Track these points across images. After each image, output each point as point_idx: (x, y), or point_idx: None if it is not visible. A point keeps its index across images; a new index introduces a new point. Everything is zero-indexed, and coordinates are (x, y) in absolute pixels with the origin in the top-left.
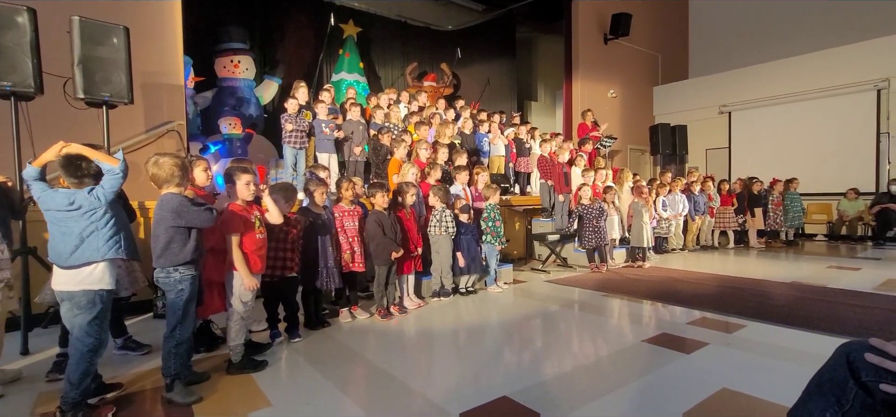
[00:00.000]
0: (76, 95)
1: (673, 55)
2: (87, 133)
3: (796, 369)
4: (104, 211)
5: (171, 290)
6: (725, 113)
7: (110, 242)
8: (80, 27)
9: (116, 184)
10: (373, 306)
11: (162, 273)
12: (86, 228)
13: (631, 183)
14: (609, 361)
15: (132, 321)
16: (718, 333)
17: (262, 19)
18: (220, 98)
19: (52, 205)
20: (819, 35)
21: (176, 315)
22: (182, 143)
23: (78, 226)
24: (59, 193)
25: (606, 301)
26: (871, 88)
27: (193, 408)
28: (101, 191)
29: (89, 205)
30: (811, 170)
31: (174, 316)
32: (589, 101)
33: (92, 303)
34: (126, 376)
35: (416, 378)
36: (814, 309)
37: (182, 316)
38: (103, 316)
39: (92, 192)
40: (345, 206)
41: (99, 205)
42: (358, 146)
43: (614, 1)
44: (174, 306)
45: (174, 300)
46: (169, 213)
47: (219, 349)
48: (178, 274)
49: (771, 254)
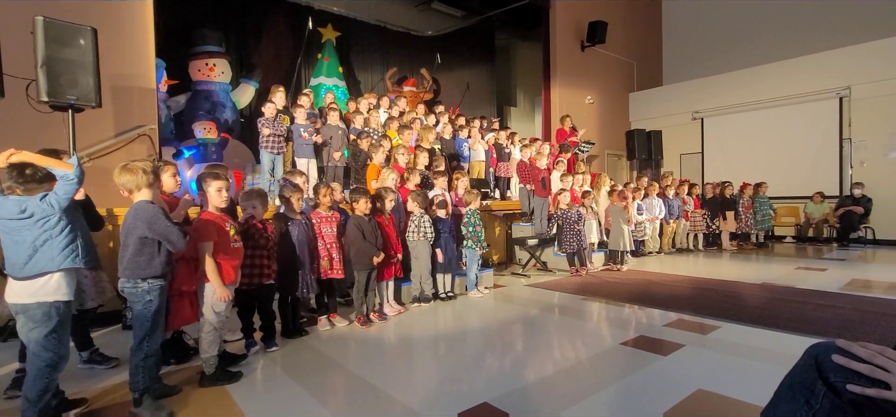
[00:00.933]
0: (40, 98)
1: (647, 63)
2: (52, 137)
3: (768, 369)
4: (58, 218)
5: (138, 301)
6: (698, 119)
7: (66, 251)
8: (44, 27)
9: (71, 189)
10: (352, 313)
11: (128, 283)
12: (39, 237)
13: (608, 187)
14: (589, 364)
15: (99, 333)
16: (694, 335)
17: (239, 22)
18: (195, 102)
19: (3, 214)
20: (785, 45)
21: (143, 327)
22: (154, 148)
23: (31, 235)
24: (9, 201)
25: (586, 304)
26: (833, 96)
27: None
28: (55, 197)
29: (42, 213)
30: (779, 174)
31: (142, 328)
32: (567, 107)
33: (47, 316)
34: (92, 391)
35: (396, 386)
36: (784, 310)
37: (150, 328)
38: (61, 329)
39: (44, 199)
40: (323, 212)
41: (52, 213)
42: (337, 151)
43: (591, 9)
44: (142, 318)
45: (141, 311)
46: (141, 223)
47: (191, 360)
48: (147, 284)
49: (743, 256)
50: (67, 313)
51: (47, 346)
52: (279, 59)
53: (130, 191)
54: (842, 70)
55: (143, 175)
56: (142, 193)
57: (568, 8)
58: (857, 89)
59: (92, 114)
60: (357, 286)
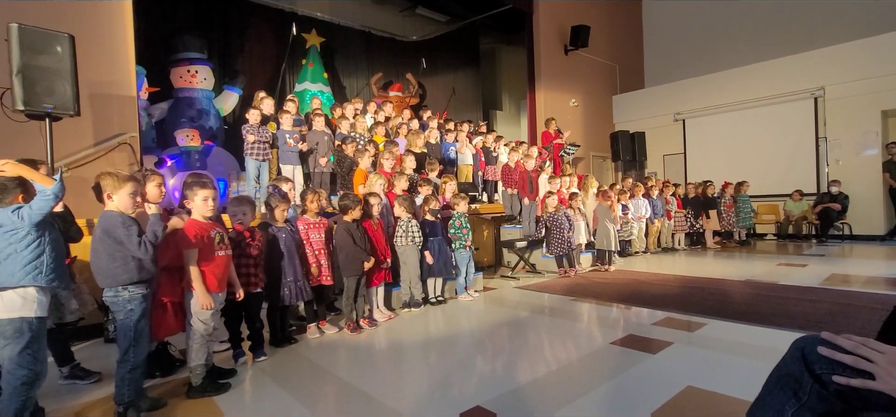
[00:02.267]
0: (15, 107)
1: (630, 65)
2: (29, 146)
3: (754, 364)
4: (25, 232)
5: (120, 311)
6: (680, 120)
7: (28, 267)
8: (18, 35)
9: (46, 206)
10: (342, 320)
11: (110, 292)
12: (2, 250)
13: (595, 188)
14: (579, 365)
15: (80, 347)
16: (682, 332)
17: (221, 28)
18: (177, 109)
19: None
20: (762, 47)
21: (127, 337)
22: (135, 157)
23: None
24: None
25: (575, 305)
26: (808, 96)
27: None
28: (28, 210)
29: (10, 225)
30: (759, 173)
31: (126, 339)
32: (552, 110)
33: (19, 332)
34: (73, 407)
35: (387, 393)
36: (767, 305)
37: (134, 339)
38: (35, 344)
39: (17, 211)
40: (310, 219)
41: (21, 226)
42: (323, 157)
43: (573, 14)
44: (125, 328)
45: (124, 321)
46: (100, 230)
47: (176, 372)
48: (128, 293)
49: (726, 254)
50: (40, 328)
51: (21, 363)
52: (263, 65)
53: (101, 200)
54: (816, 71)
55: (114, 182)
56: (111, 202)
57: (551, 12)
58: (830, 89)
59: (70, 123)
60: (346, 292)
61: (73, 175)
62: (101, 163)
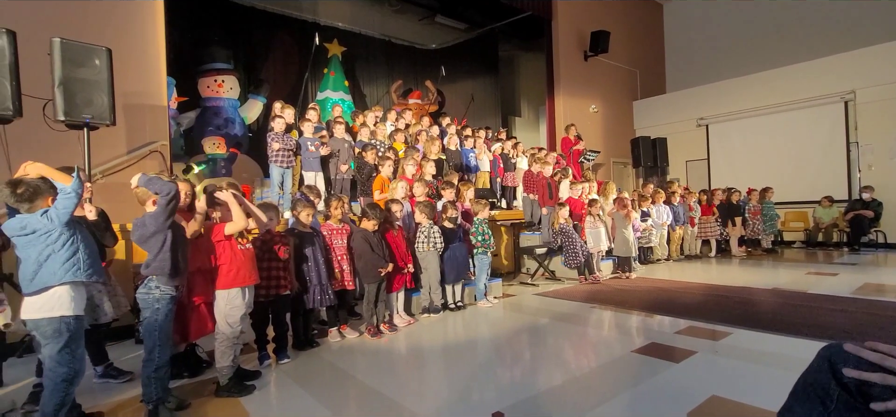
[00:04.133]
0: (56, 117)
1: (650, 71)
2: (68, 155)
3: (781, 374)
4: (58, 232)
5: (148, 308)
6: (703, 125)
7: (67, 264)
8: (61, 49)
9: (70, 204)
10: (362, 325)
11: (144, 289)
12: (42, 252)
13: (615, 194)
14: (600, 373)
15: (113, 347)
16: (706, 341)
17: (246, 39)
18: (204, 118)
19: (9, 232)
20: (788, 50)
21: (152, 337)
22: (165, 164)
23: (35, 251)
24: (14, 219)
25: (595, 312)
26: (838, 100)
27: None
28: (55, 211)
29: (43, 228)
30: (786, 179)
31: (151, 339)
32: (571, 116)
33: (58, 332)
34: (107, 404)
35: (407, 397)
36: (796, 315)
37: (159, 338)
38: (73, 343)
39: (45, 214)
40: (333, 224)
41: (53, 227)
42: (344, 164)
43: (593, 19)
44: (150, 327)
45: (150, 319)
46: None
47: (203, 373)
48: (159, 291)
49: (752, 262)
50: (78, 328)
51: (61, 361)
52: (286, 74)
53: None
54: (846, 74)
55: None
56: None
57: (570, 19)
58: (862, 93)
59: (106, 132)
60: (367, 297)
61: (107, 181)
62: (134, 170)
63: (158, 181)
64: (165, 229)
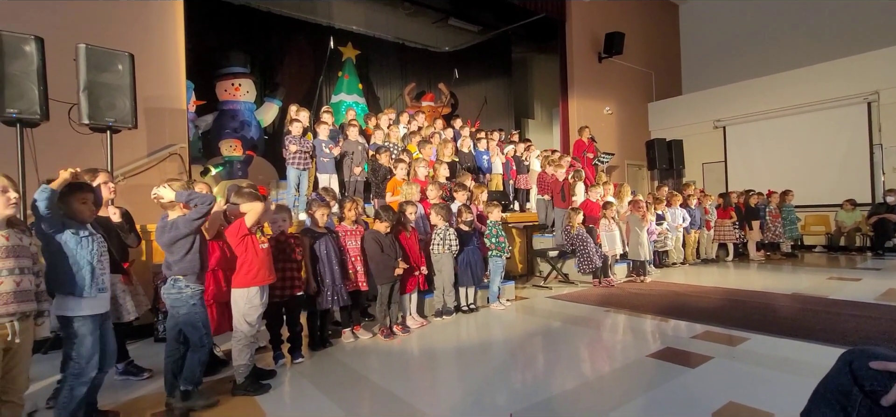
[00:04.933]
0: (81, 121)
1: (666, 72)
2: (91, 157)
3: (801, 380)
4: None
5: (183, 305)
6: (720, 127)
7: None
8: (86, 54)
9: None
10: (375, 326)
11: (173, 289)
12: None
13: (630, 197)
14: (614, 377)
15: (133, 345)
16: (722, 346)
17: (263, 43)
18: (221, 121)
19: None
20: (809, 50)
21: (197, 329)
22: (184, 166)
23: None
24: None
25: (609, 316)
26: (861, 101)
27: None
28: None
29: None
30: (806, 182)
31: (197, 331)
32: (585, 118)
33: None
34: (126, 401)
35: (420, 398)
36: (816, 321)
37: (203, 327)
38: (83, 340)
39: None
40: (347, 226)
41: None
42: (358, 166)
43: (607, 21)
44: (193, 320)
45: (190, 314)
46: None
47: (220, 372)
48: (190, 289)
49: (771, 266)
50: (93, 328)
51: (74, 358)
52: (301, 77)
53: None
54: (869, 75)
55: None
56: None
57: (584, 20)
58: (886, 94)
59: (127, 135)
60: (380, 299)
61: (128, 183)
62: (154, 172)
63: (197, 194)
64: (195, 233)
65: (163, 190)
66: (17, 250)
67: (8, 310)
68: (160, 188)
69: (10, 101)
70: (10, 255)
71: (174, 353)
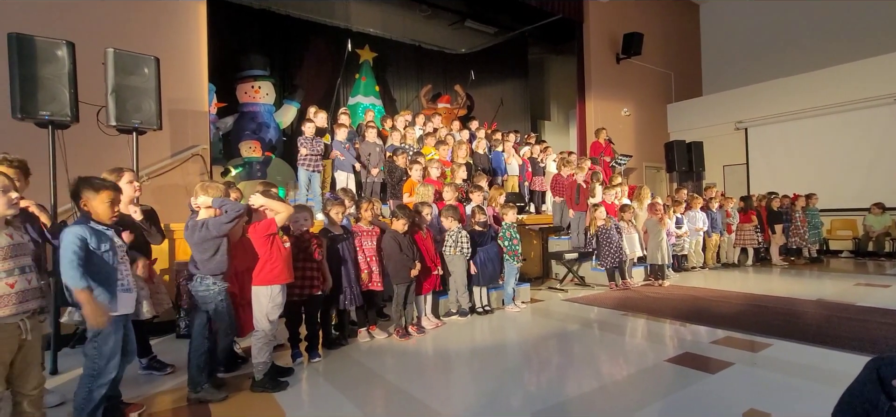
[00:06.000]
0: (109, 123)
1: (686, 72)
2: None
3: (826, 389)
4: None
5: (212, 301)
6: (742, 129)
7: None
8: (114, 58)
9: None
10: (391, 326)
11: (201, 286)
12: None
13: (649, 200)
14: (630, 381)
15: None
16: (744, 352)
17: (282, 46)
18: (241, 122)
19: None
20: (834, 49)
21: (224, 318)
22: (205, 167)
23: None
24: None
25: (626, 320)
26: (891, 102)
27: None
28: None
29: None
30: (831, 185)
31: (225, 319)
32: (602, 120)
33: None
34: (150, 394)
35: (435, 399)
36: (843, 328)
37: (230, 318)
38: (102, 343)
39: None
40: (364, 227)
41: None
42: (375, 167)
43: (626, 21)
44: (221, 312)
45: (219, 307)
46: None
47: (238, 369)
48: (217, 286)
49: (794, 272)
50: (117, 327)
51: (89, 356)
52: (319, 79)
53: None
54: None
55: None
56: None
57: (602, 21)
58: None
59: (152, 136)
60: (396, 299)
61: (152, 183)
62: (177, 172)
63: (229, 202)
64: (223, 236)
65: (203, 198)
66: (20, 248)
67: (19, 309)
68: (200, 197)
69: (43, 104)
70: (16, 254)
71: (201, 348)
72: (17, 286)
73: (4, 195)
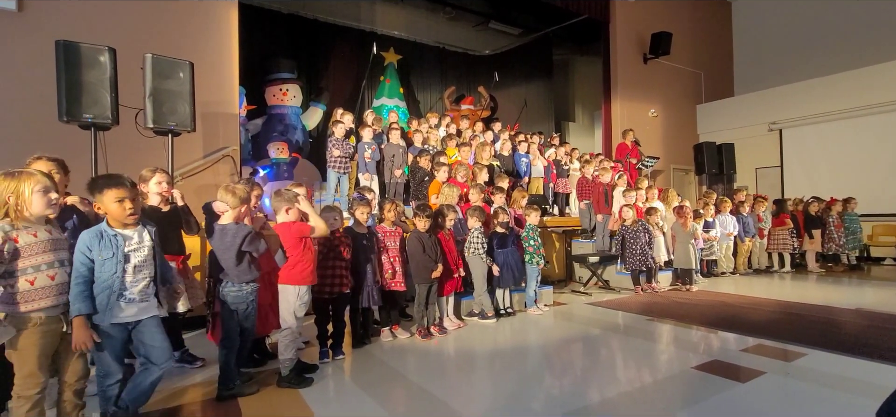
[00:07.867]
0: (146, 125)
1: (717, 72)
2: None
3: (863, 400)
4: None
5: (243, 302)
6: (776, 130)
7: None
8: (152, 63)
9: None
10: (413, 326)
11: (233, 288)
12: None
13: (677, 203)
14: (656, 388)
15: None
16: (776, 361)
17: (310, 50)
18: (270, 124)
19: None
20: (875, 47)
21: (253, 321)
22: (235, 168)
23: None
24: None
25: (652, 325)
26: None
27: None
28: None
29: None
30: (872, 189)
31: (251, 318)
32: (629, 121)
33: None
34: (182, 385)
35: (456, 399)
36: (885, 338)
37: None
38: (107, 344)
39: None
40: (387, 227)
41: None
42: (398, 169)
43: (654, 20)
44: (251, 314)
45: (249, 308)
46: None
47: (266, 365)
48: (248, 287)
49: (832, 279)
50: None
51: (98, 359)
52: (344, 82)
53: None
54: None
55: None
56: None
57: (629, 21)
58: None
59: (185, 138)
60: (418, 299)
61: (185, 183)
62: (209, 173)
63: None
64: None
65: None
66: (59, 243)
67: (59, 300)
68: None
69: (86, 107)
70: (55, 248)
71: (234, 344)
72: (57, 278)
73: (45, 195)
